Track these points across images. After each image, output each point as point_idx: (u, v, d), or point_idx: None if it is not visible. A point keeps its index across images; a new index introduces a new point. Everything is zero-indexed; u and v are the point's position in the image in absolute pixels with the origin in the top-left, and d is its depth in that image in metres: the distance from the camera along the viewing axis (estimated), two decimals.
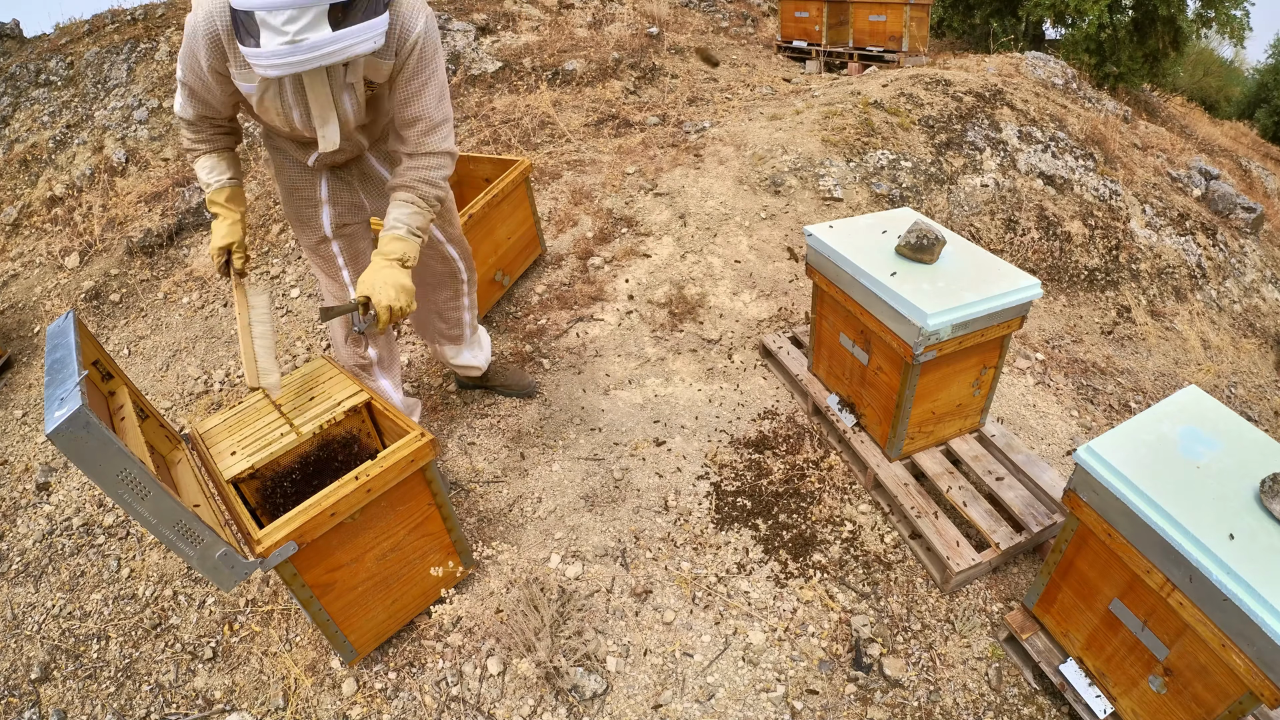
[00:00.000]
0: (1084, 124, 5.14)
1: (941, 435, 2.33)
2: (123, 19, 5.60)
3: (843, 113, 4.62)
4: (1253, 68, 18.99)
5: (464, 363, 2.59)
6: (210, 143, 1.81)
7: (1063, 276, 4.02)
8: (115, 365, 1.75)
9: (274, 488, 1.91)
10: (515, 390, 2.75)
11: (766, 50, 7.49)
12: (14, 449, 3.04)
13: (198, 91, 1.67)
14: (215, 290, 3.74)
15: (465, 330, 2.49)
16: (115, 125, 4.87)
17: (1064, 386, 3.17)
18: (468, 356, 2.59)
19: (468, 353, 2.58)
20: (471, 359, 2.61)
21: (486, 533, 2.29)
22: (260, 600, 2.18)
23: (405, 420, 1.84)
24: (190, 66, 1.62)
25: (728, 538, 2.24)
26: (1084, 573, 1.67)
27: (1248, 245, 4.68)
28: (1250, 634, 1.27)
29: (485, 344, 2.65)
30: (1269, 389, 3.87)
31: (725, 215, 3.79)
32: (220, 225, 1.83)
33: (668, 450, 2.53)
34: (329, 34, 1.37)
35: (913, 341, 1.96)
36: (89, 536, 2.52)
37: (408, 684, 1.92)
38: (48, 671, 2.12)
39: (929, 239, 2.08)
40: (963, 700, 1.87)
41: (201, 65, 1.58)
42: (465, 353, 2.57)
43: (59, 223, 4.39)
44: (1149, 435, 1.55)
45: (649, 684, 1.89)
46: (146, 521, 1.34)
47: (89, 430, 1.24)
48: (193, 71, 1.62)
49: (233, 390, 3.15)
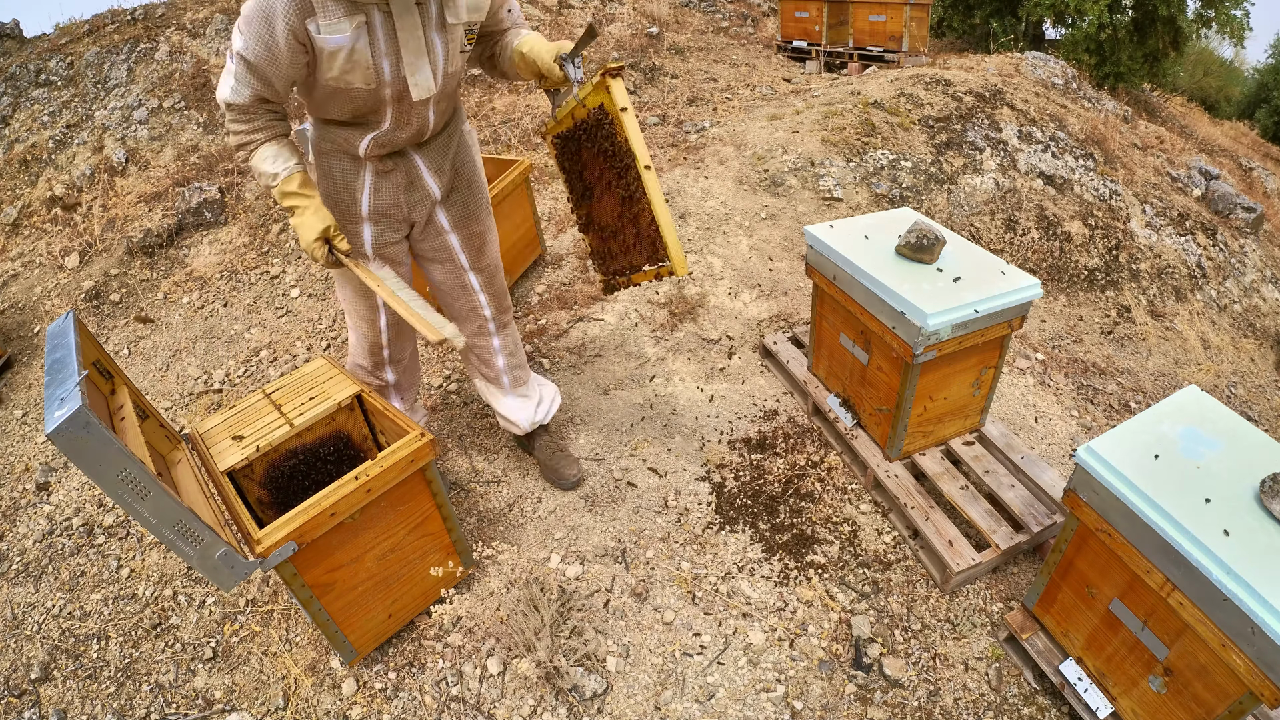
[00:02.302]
0: (1084, 124, 5.14)
1: (941, 435, 2.33)
2: (123, 19, 5.60)
3: (843, 113, 4.62)
4: (1253, 68, 18.99)
5: (503, 412, 2.36)
6: (268, 130, 1.65)
7: (1063, 276, 4.02)
8: (115, 365, 1.74)
9: (270, 481, 1.91)
10: (550, 478, 2.43)
11: (766, 50, 7.49)
12: (14, 449, 3.04)
13: (260, 66, 1.52)
14: (215, 290, 3.74)
15: (503, 376, 2.28)
16: (115, 125, 4.87)
17: (1064, 386, 3.17)
18: (508, 406, 2.34)
19: (509, 400, 2.34)
20: (511, 411, 2.34)
21: (486, 533, 2.29)
22: (260, 600, 2.18)
23: (404, 420, 1.84)
24: (258, 35, 1.47)
25: (728, 538, 2.24)
26: (1084, 573, 1.67)
27: (1248, 245, 4.68)
28: (1250, 634, 1.28)
29: (534, 404, 2.36)
30: (1269, 389, 3.87)
31: (725, 215, 3.79)
32: (306, 214, 1.68)
33: (668, 450, 2.53)
34: None
35: (913, 341, 1.96)
36: (89, 536, 2.52)
37: (408, 684, 1.92)
38: (48, 671, 2.12)
39: (929, 239, 2.08)
40: (963, 700, 1.87)
41: (277, 30, 1.46)
42: (506, 400, 2.33)
43: (59, 223, 4.40)
44: (1149, 435, 1.55)
45: (649, 684, 1.89)
46: (146, 521, 1.34)
47: (89, 430, 1.24)
48: (261, 40, 1.48)
49: (233, 390, 3.15)
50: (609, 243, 1.98)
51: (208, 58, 5.23)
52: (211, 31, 5.33)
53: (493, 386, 2.33)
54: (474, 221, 2.04)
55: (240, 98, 1.57)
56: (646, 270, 1.88)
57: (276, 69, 1.53)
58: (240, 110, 1.60)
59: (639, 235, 1.82)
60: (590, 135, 1.81)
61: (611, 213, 1.91)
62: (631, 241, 1.87)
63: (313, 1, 1.45)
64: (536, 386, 2.41)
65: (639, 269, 1.90)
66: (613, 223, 1.93)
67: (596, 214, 2.00)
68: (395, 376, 2.17)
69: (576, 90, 1.74)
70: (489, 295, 2.15)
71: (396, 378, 2.18)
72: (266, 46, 1.49)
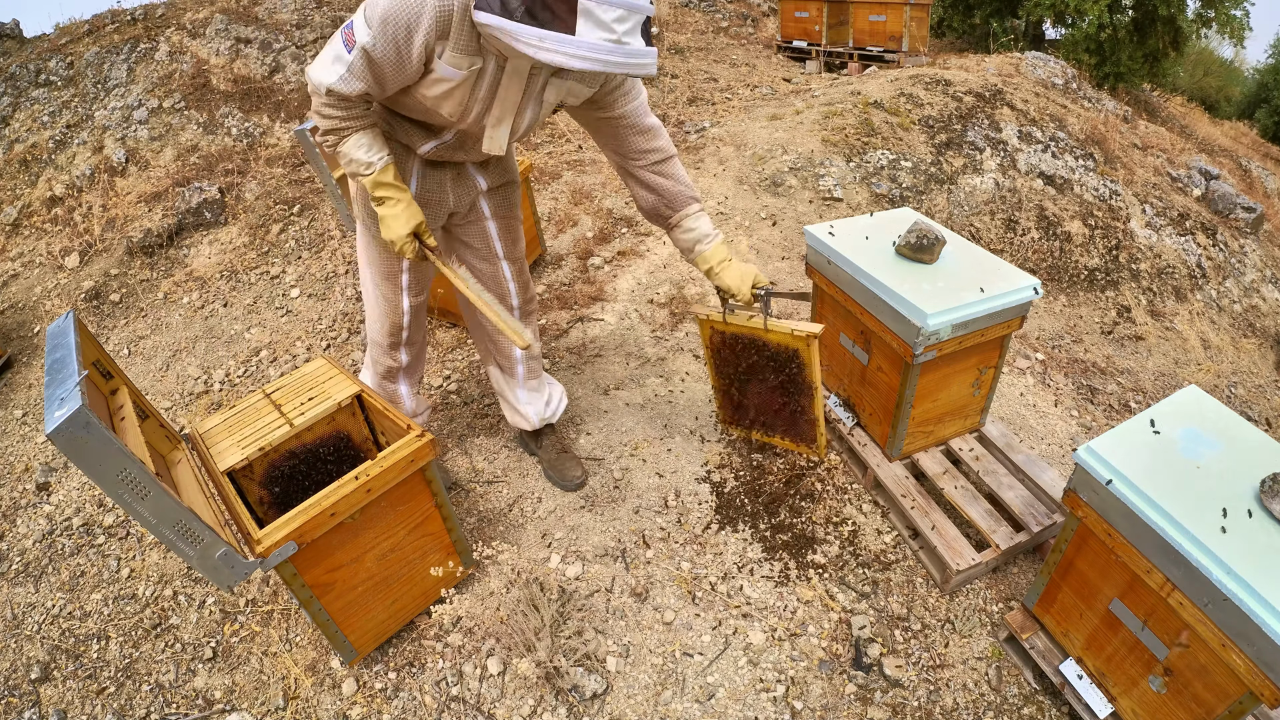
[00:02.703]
0: (1084, 124, 5.14)
1: (941, 435, 2.33)
2: (123, 19, 5.60)
3: (843, 113, 4.63)
4: (1253, 68, 19.00)
5: (516, 404, 2.37)
6: (363, 119, 1.63)
7: (1063, 276, 4.02)
8: (115, 365, 1.74)
9: (270, 482, 1.91)
10: (555, 479, 2.43)
11: (766, 50, 7.49)
12: (14, 449, 3.04)
13: (382, 67, 1.48)
14: (215, 290, 3.74)
15: (518, 365, 2.30)
16: (115, 125, 4.87)
17: (1064, 386, 3.17)
18: (522, 398, 2.36)
19: (522, 392, 2.35)
20: (523, 404, 2.36)
21: (486, 533, 2.29)
22: (260, 600, 2.18)
23: (404, 419, 1.84)
24: (393, 38, 1.42)
25: (728, 538, 2.24)
26: (1084, 573, 1.67)
27: (1248, 245, 4.69)
28: (1250, 634, 1.28)
29: (544, 401, 2.39)
30: (1269, 389, 3.87)
31: (725, 215, 3.79)
32: (397, 208, 1.69)
33: (668, 450, 2.53)
34: (644, 46, 1.34)
35: (912, 341, 1.96)
36: (89, 536, 2.52)
37: (408, 684, 1.92)
38: (48, 671, 2.12)
39: (929, 239, 2.08)
40: (963, 700, 1.87)
41: (415, 41, 1.42)
42: (519, 391, 2.35)
43: (59, 223, 4.40)
44: (1149, 435, 1.55)
45: (649, 684, 1.89)
46: (146, 521, 1.34)
47: (89, 430, 1.24)
48: (394, 44, 1.43)
49: (233, 390, 3.15)
50: (746, 405, 2.42)
51: (208, 58, 5.23)
52: (211, 31, 5.33)
53: (508, 376, 2.35)
54: (511, 211, 2.11)
55: (348, 88, 1.53)
56: (787, 442, 2.42)
57: (398, 75, 1.51)
58: (340, 98, 1.56)
59: (793, 423, 2.33)
60: (763, 351, 2.19)
61: (764, 396, 2.33)
62: (782, 425, 2.37)
63: (450, 30, 1.43)
64: (546, 384, 2.44)
65: (778, 437, 2.43)
66: (762, 403, 2.36)
67: (741, 390, 2.39)
68: (408, 359, 2.21)
69: (766, 321, 2.09)
70: (519, 284, 2.20)
71: (409, 360, 2.21)
72: (398, 51, 1.45)
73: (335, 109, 1.58)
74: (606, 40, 1.28)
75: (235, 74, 5.18)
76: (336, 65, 1.51)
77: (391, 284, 2.02)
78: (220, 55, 5.26)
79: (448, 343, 3.12)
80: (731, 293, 1.97)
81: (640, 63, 1.34)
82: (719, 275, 1.97)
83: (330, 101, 1.57)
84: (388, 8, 1.40)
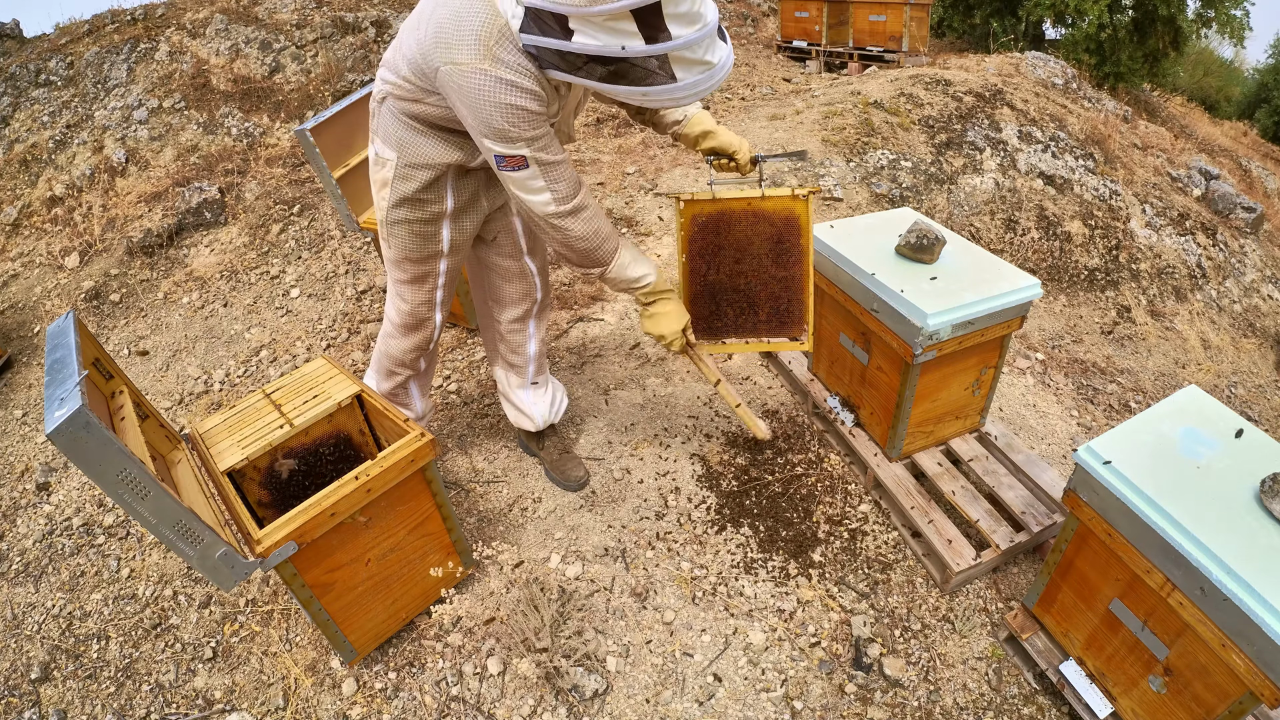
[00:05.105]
0: (1084, 124, 5.14)
1: (941, 435, 2.33)
2: (123, 19, 5.60)
3: (843, 113, 4.63)
4: (1253, 68, 19.00)
5: (521, 405, 2.36)
6: (614, 230, 1.76)
7: (1063, 276, 4.02)
8: (115, 365, 1.74)
9: (270, 482, 1.91)
10: (557, 479, 2.43)
11: (766, 50, 7.49)
12: (14, 449, 3.04)
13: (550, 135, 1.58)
14: (215, 290, 3.74)
15: (529, 364, 2.31)
16: (115, 125, 4.87)
17: (1064, 386, 3.18)
18: (527, 398, 2.35)
19: (527, 393, 2.35)
20: (528, 405, 2.36)
21: (486, 533, 2.29)
22: (260, 600, 2.18)
23: (404, 420, 1.84)
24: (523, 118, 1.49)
25: (728, 537, 2.24)
26: (1084, 573, 1.67)
27: (1248, 245, 4.69)
28: (1250, 634, 1.28)
29: (549, 402, 2.39)
30: (1269, 389, 3.87)
31: None
32: (670, 307, 1.87)
33: (668, 450, 2.53)
34: (727, 48, 1.39)
35: (912, 341, 1.96)
36: (89, 536, 2.52)
37: (408, 684, 1.92)
38: (48, 671, 2.12)
39: (929, 239, 2.08)
40: (963, 700, 1.87)
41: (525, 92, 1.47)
42: (524, 392, 2.35)
43: (59, 223, 4.40)
44: (1149, 435, 1.55)
45: (649, 684, 1.89)
46: (146, 521, 1.34)
47: (89, 430, 1.24)
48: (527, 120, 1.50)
49: (233, 390, 3.15)
50: (723, 306, 2.14)
51: (208, 58, 5.23)
52: (211, 31, 5.33)
53: (515, 376, 2.35)
54: None
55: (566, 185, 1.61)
56: (772, 341, 2.10)
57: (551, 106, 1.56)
58: (574, 203, 1.64)
59: (776, 312, 2.09)
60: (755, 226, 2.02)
61: (747, 282, 2.09)
62: (765, 319, 2.11)
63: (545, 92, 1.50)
64: (551, 385, 2.44)
65: (761, 338, 2.11)
66: (742, 299, 2.11)
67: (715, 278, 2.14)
68: (426, 365, 2.25)
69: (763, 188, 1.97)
70: (542, 281, 2.23)
71: (426, 365, 2.25)
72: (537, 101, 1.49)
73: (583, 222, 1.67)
74: (703, 73, 1.36)
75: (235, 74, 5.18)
76: (539, 194, 1.60)
77: (429, 304, 2.07)
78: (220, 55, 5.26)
79: (448, 342, 3.13)
80: (732, 151, 1.94)
81: (727, 68, 1.41)
82: (716, 136, 1.92)
83: (582, 221, 1.67)
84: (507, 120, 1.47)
